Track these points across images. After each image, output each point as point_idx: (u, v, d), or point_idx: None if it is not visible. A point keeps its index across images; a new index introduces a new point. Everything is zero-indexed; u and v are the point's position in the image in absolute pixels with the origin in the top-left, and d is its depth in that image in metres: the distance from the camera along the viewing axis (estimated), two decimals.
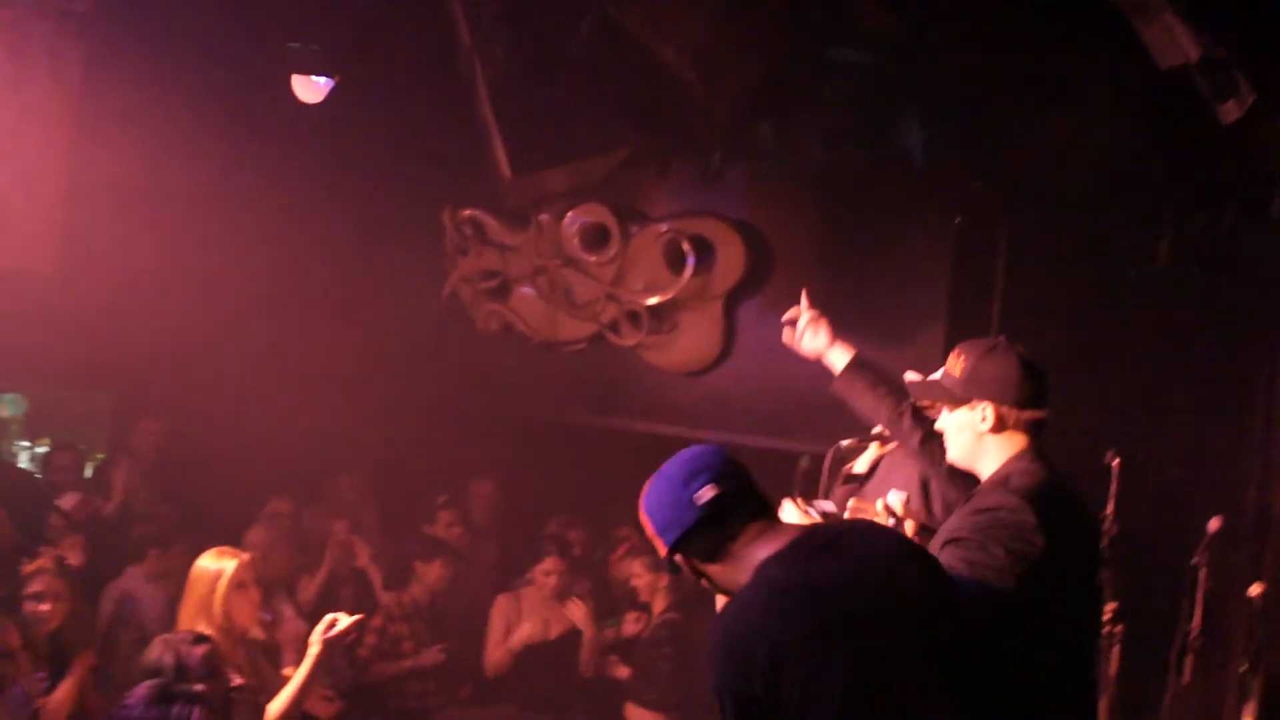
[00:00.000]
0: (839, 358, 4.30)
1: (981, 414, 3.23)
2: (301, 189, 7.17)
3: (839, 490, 4.13)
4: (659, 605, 6.24)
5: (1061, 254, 6.14)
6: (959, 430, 3.29)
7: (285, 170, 7.07)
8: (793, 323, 4.34)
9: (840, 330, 6.62)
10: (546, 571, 6.38)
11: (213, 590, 4.51)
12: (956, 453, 3.32)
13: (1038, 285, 6.24)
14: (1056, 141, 5.71)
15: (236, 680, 4.23)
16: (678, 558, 2.52)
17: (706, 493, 2.46)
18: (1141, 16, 4.82)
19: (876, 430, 4.14)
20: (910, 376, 3.96)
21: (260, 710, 4.18)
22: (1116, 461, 4.87)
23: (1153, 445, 5.67)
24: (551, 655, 6.31)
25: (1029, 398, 3.21)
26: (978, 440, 3.28)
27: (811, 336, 4.38)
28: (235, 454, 6.90)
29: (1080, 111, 5.54)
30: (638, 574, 6.31)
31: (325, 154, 7.12)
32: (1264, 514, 5.38)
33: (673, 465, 2.59)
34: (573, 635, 6.34)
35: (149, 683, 3.70)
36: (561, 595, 6.40)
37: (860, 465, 4.17)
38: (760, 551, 2.40)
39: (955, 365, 3.27)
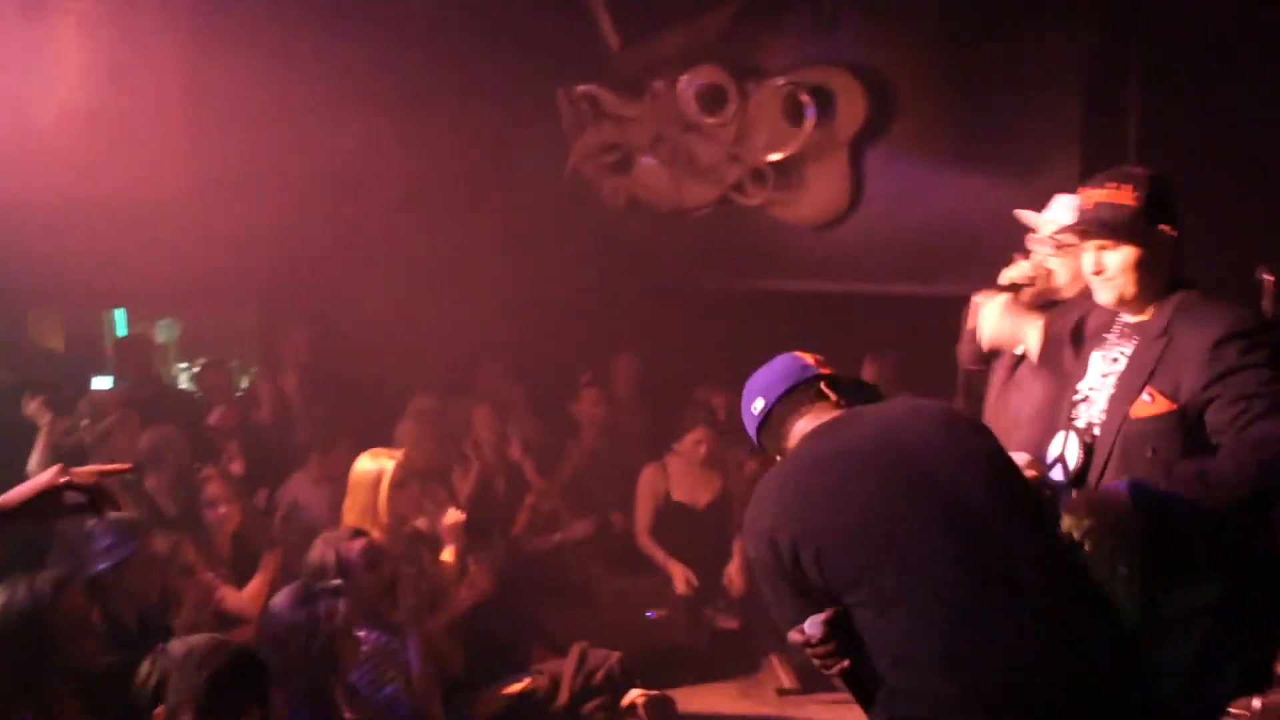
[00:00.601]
0: None
1: (1164, 241, 3.12)
2: (418, 89, 7.15)
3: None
4: None
5: (1198, 79, 5.85)
6: (1135, 268, 3.12)
7: (402, 72, 7.05)
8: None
9: (972, 164, 6.58)
10: (696, 441, 6.43)
11: (375, 490, 4.69)
12: (1132, 290, 3.15)
13: (1173, 111, 5.98)
14: None
15: (400, 570, 4.39)
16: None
17: (758, 405, 2.95)
18: None
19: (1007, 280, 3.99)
20: (1055, 212, 3.85)
21: (422, 594, 4.35)
22: (1270, 277, 4.69)
23: None
24: (699, 522, 6.40)
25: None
26: (1154, 273, 3.15)
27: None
28: (381, 353, 7.03)
29: None
30: None
31: (437, 52, 7.09)
32: None
33: (746, 386, 3.04)
34: (720, 504, 6.40)
35: (290, 587, 3.87)
36: (712, 463, 6.45)
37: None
38: (798, 434, 2.84)
39: (1121, 195, 3.11)
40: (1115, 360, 3.22)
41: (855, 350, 7.16)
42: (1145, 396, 3.06)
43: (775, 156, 6.89)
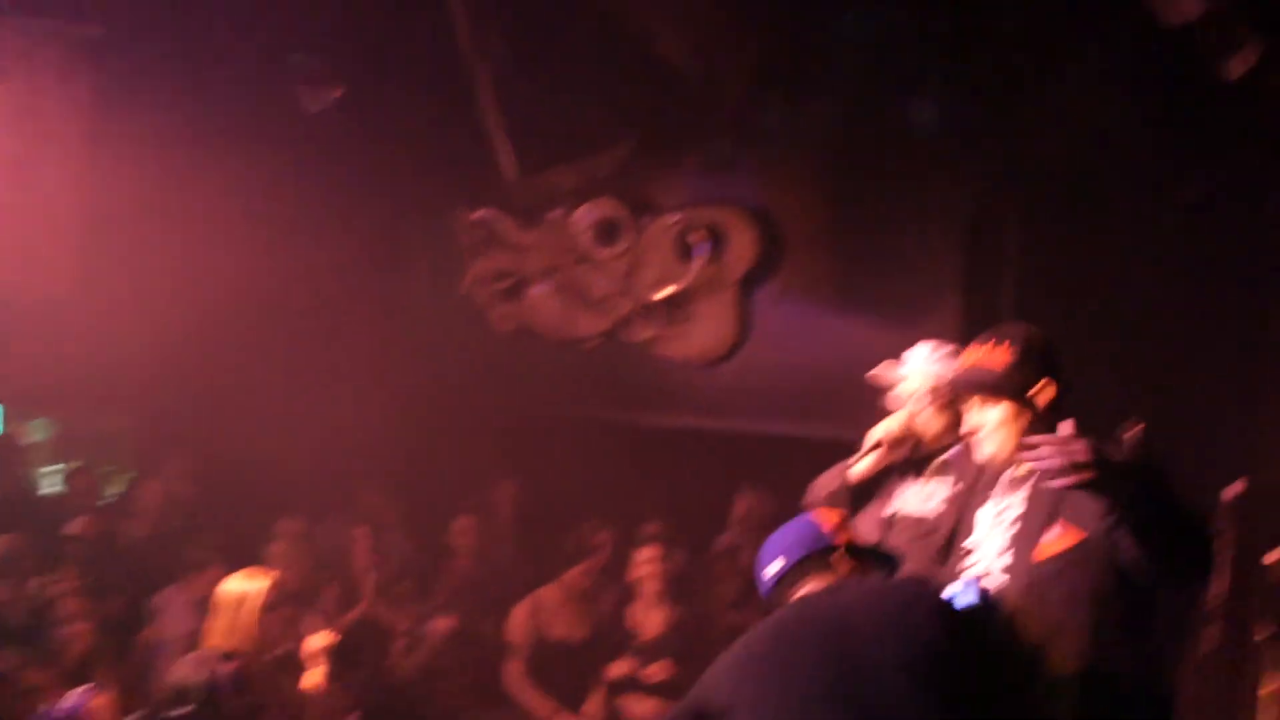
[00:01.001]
0: None
1: (1040, 397, 3.16)
2: (313, 200, 7.16)
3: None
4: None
5: (1074, 220, 6.08)
6: (1009, 424, 3.17)
7: (297, 183, 7.06)
8: None
9: (857, 307, 6.71)
10: (578, 574, 6.32)
11: (242, 611, 4.51)
12: (1009, 447, 3.17)
13: (1051, 256, 6.19)
14: (1065, 106, 5.67)
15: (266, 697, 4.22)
16: None
17: (773, 568, 3.04)
18: None
19: (872, 441, 4.01)
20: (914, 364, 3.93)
21: None
22: (1136, 429, 4.82)
23: (1170, 413, 5.59)
24: (575, 658, 6.25)
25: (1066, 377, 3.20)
26: (1031, 429, 3.13)
27: None
28: (258, 468, 6.90)
29: (1088, 75, 5.50)
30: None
31: (335, 164, 7.11)
32: None
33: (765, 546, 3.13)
34: (597, 638, 6.28)
35: (135, 714, 3.69)
36: (590, 598, 6.36)
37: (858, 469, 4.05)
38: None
39: (996, 355, 3.17)
40: (1006, 509, 3.25)
41: (734, 487, 7.20)
42: (1053, 533, 3.08)
43: (665, 292, 6.95)
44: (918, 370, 4.05)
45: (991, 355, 3.18)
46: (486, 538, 6.88)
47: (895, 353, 5.68)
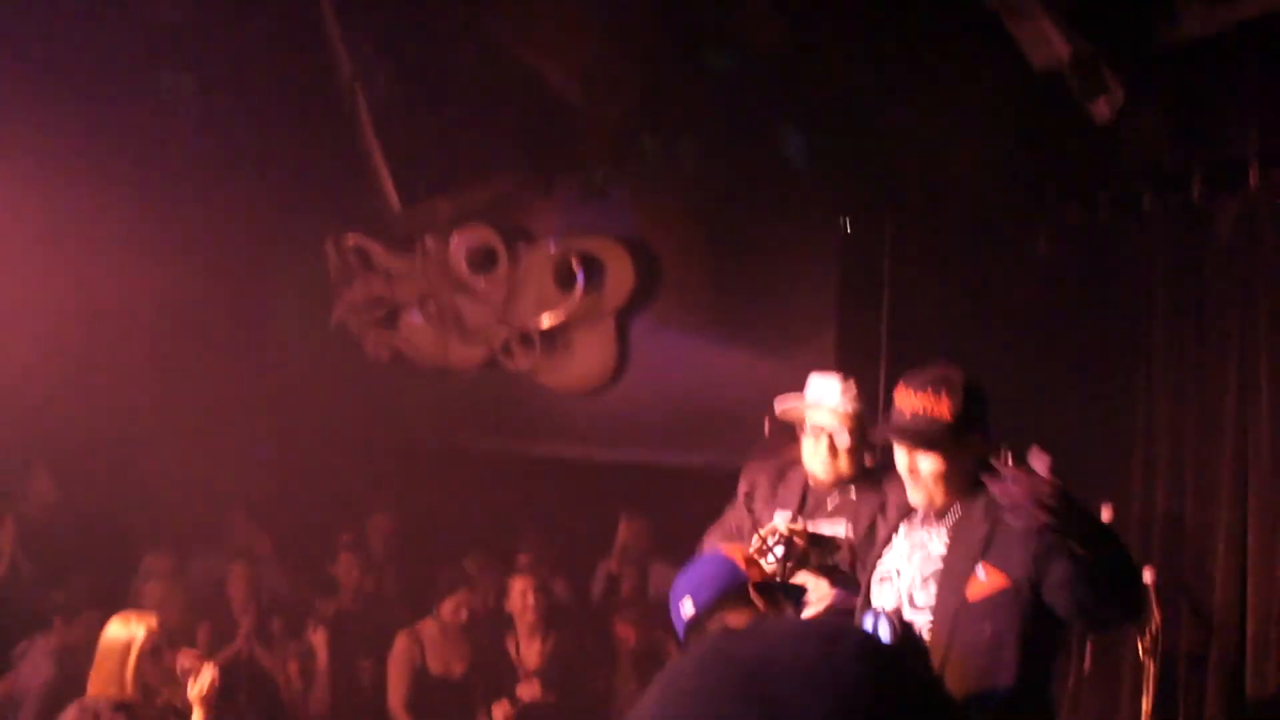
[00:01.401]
0: None
1: (974, 447, 3.20)
2: (183, 225, 6.97)
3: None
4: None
5: (944, 252, 6.24)
6: (944, 477, 3.21)
7: (167, 207, 6.87)
8: None
9: (732, 337, 6.79)
10: (455, 606, 6.23)
11: (125, 658, 4.36)
12: (941, 498, 3.24)
13: (923, 284, 6.34)
14: (934, 141, 5.80)
15: None
16: None
17: (686, 608, 3.06)
18: (1014, 18, 4.91)
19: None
20: (814, 394, 3.98)
21: None
22: (1007, 455, 4.97)
23: (1040, 437, 5.76)
24: (455, 693, 6.18)
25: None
26: (963, 478, 3.23)
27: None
28: (125, 502, 6.67)
29: (957, 111, 5.63)
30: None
31: (206, 189, 6.94)
32: (1148, 502, 5.51)
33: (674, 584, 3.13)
34: (474, 672, 6.22)
35: None
36: (470, 631, 6.28)
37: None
38: None
39: (940, 404, 3.17)
40: (923, 544, 3.30)
41: (614, 516, 7.22)
42: (980, 575, 3.12)
43: (545, 322, 6.93)
44: (830, 406, 4.10)
45: (936, 404, 3.17)
46: (365, 570, 6.72)
47: (773, 381, 5.79)
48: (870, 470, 4.18)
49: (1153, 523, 5.44)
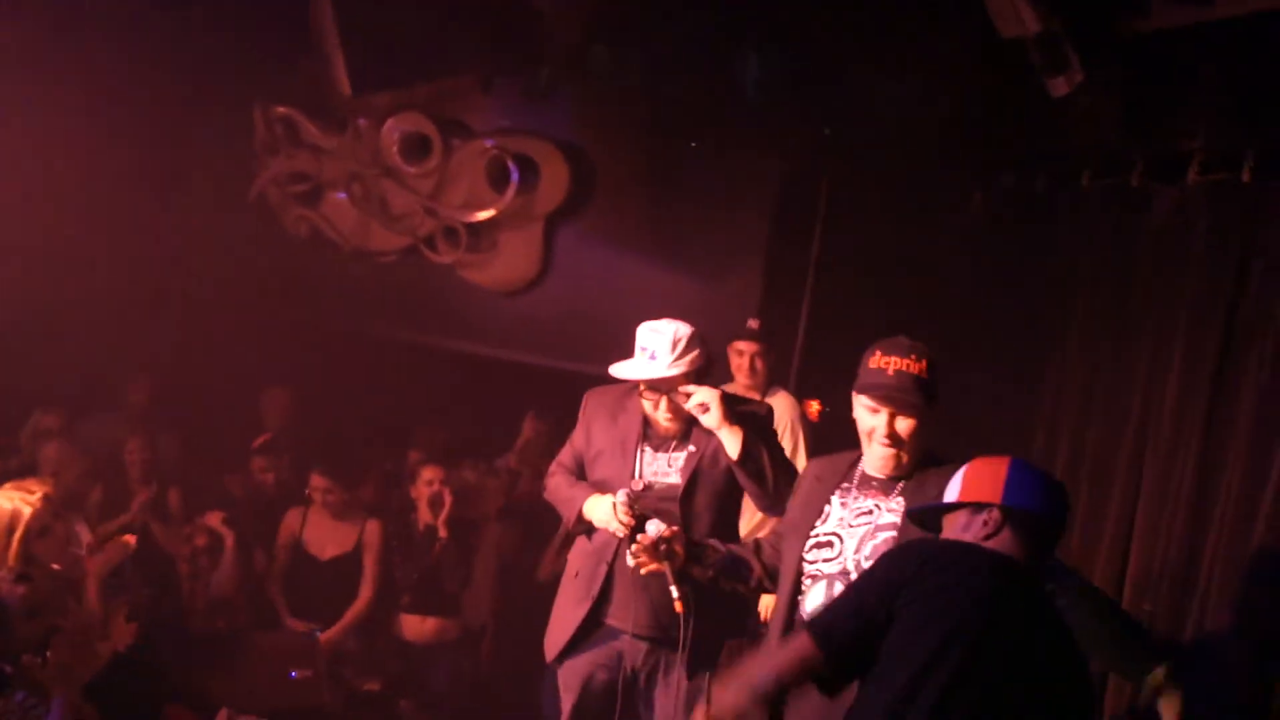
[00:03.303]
0: (731, 441, 4.07)
1: (935, 414, 3.40)
2: (108, 79, 6.65)
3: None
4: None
5: (881, 204, 6.30)
6: (915, 435, 3.40)
7: (92, 61, 6.53)
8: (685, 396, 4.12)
9: (660, 258, 6.79)
10: (322, 489, 6.16)
11: (10, 533, 4.23)
12: (908, 458, 3.42)
13: (855, 231, 6.41)
14: (887, 94, 5.82)
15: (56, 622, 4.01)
16: None
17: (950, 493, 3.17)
18: None
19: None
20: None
21: (83, 648, 3.97)
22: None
23: (954, 395, 5.91)
24: (321, 574, 6.17)
25: None
26: (925, 443, 3.44)
27: (705, 416, 4.07)
28: (21, 363, 6.43)
29: (913, 68, 5.65)
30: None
31: (135, 42, 6.62)
32: (1048, 465, 5.71)
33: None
34: (346, 561, 6.20)
35: None
36: (343, 516, 6.23)
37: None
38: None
39: (916, 366, 3.35)
40: (870, 512, 3.41)
41: (519, 417, 7.24)
42: None
43: (482, 216, 6.84)
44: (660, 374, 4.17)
45: (916, 365, 3.36)
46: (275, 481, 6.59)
47: (695, 304, 5.85)
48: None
49: None
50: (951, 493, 3.09)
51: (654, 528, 3.77)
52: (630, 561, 3.82)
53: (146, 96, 6.92)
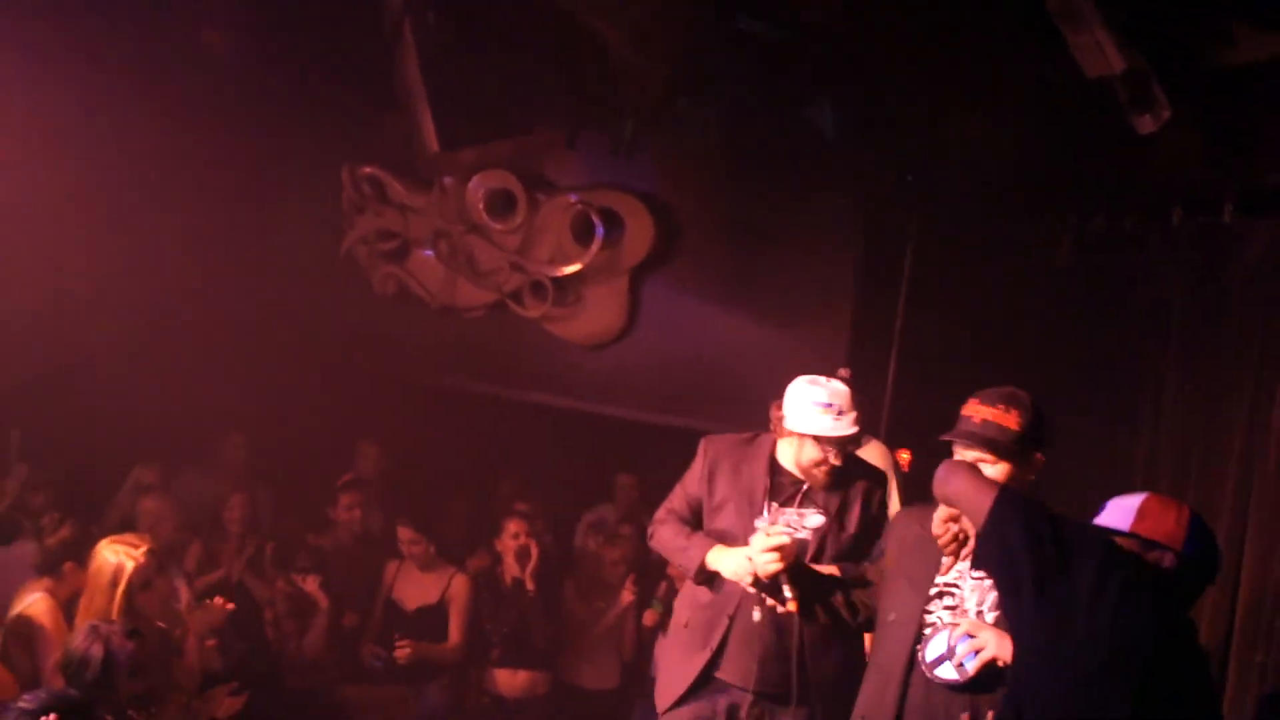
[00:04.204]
0: None
1: (1035, 465, 3.43)
2: (200, 140, 6.85)
3: None
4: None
5: (967, 247, 6.27)
6: (1017, 478, 3.40)
7: (185, 121, 6.72)
8: None
9: (746, 308, 6.79)
10: (409, 540, 6.20)
11: (114, 585, 4.31)
12: None
13: (942, 276, 6.37)
14: (970, 136, 5.79)
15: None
16: None
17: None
18: (1071, 24, 4.88)
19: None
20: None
21: (186, 711, 4.02)
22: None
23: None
24: (406, 624, 6.15)
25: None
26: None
27: None
28: (120, 420, 6.58)
29: (997, 109, 5.62)
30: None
31: (227, 105, 6.81)
32: None
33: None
34: (432, 612, 6.20)
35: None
36: (429, 568, 6.25)
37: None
38: None
39: (1008, 418, 3.36)
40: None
41: (606, 470, 7.25)
42: None
43: (562, 271, 6.91)
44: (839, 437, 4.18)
45: (1005, 416, 3.36)
46: (364, 509, 6.66)
47: (782, 356, 5.82)
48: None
49: None
50: (1117, 520, 3.07)
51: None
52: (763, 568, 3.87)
53: (238, 159, 7.10)
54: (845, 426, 4.13)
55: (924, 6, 5.38)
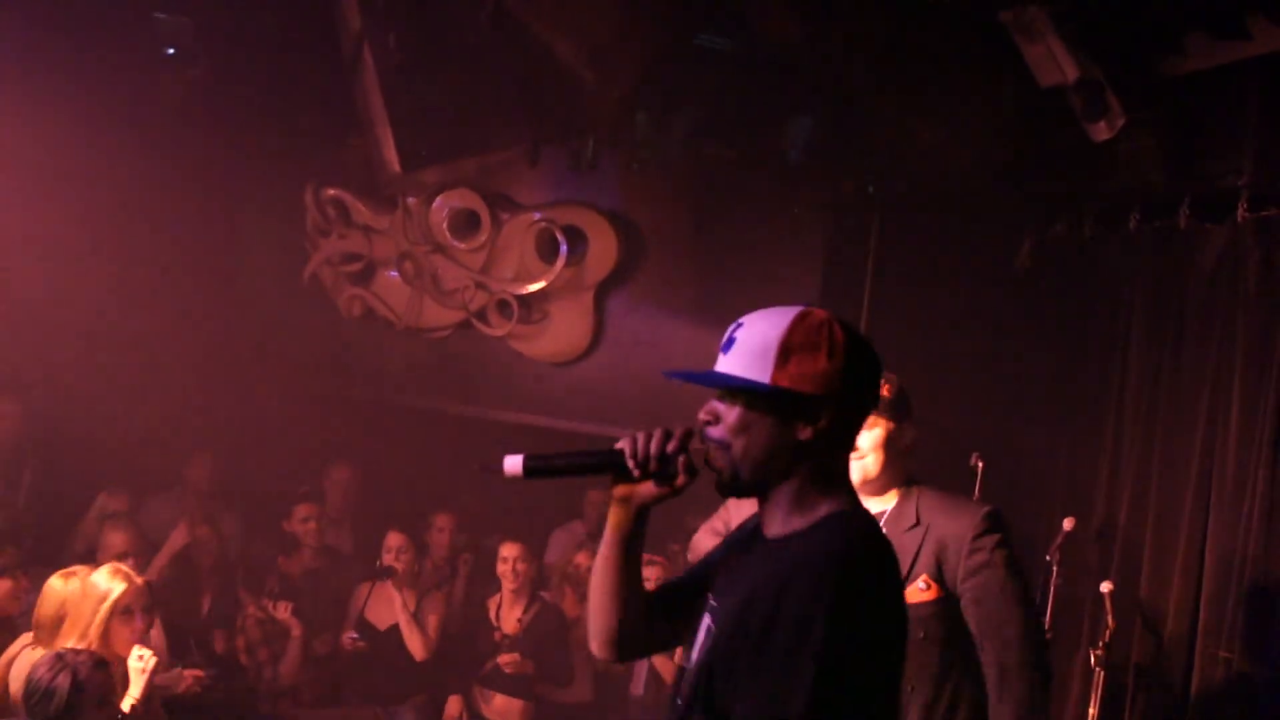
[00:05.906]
0: None
1: (907, 433, 3.47)
2: (163, 165, 6.82)
3: None
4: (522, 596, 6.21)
5: (929, 255, 6.32)
6: (882, 446, 3.51)
7: (147, 147, 6.69)
8: None
9: (711, 322, 6.79)
10: (397, 548, 6.22)
11: (95, 612, 4.23)
12: (875, 469, 3.51)
13: (905, 284, 6.42)
14: (930, 145, 5.85)
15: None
16: None
17: None
18: (1025, 35, 4.96)
19: None
20: None
21: None
22: (981, 464, 5.09)
23: (1011, 446, 5.89)
24: (377, 643, 6.16)
25: None
26: (895, 459, 3.48)
27: None
28: (84, 442, 6.55)
29: (955, 118, 5.68)
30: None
31: (189, 128, 6.78)
32: (1111, 514, 5.65)
33: None
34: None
35: None
36: (412, 584, 6.26)
37: None
38: None
39: (883, 384, 3.37)
40: None
41: (575, 486, 7.25)
42: (920, 584, 3.28)
43: (526, 289, 6.92)
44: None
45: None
46: (321, 525, 6.65)
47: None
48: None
49: (1113, 539, 5.57)
50: None
51: None
52: None
53: (201, 184, 7.09)
54: None
55: (882, 20, 5.44)
